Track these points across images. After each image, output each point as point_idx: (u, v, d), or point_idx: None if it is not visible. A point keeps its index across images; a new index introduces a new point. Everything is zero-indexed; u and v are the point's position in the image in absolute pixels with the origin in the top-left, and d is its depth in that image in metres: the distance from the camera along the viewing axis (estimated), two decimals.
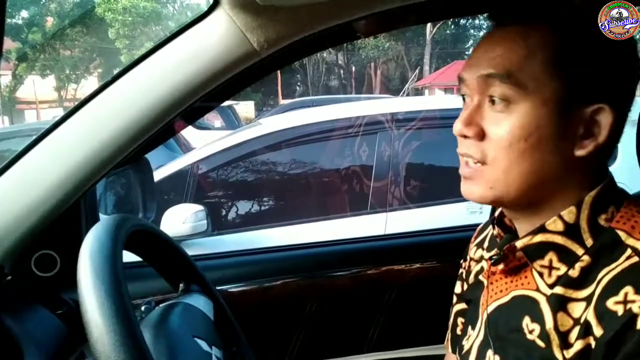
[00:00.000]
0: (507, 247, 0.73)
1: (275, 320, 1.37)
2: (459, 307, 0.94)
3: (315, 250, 1.49)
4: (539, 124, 0.67)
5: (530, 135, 0.67)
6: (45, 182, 0.97)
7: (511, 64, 0.67)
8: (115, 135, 0.97)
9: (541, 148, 0.67)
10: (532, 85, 0.66)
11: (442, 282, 1.39)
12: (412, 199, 2.99)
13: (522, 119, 0.67)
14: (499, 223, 0.82)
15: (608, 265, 0.65)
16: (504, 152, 0.68)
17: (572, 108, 0.67)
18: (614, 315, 0.61)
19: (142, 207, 1.37)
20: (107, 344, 0.59)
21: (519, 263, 0.73)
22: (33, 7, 27.59)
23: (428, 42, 25.32)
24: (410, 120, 3.09)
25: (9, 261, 0.98)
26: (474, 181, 0.72)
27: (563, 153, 0.68)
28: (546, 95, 0.66)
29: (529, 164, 0.68)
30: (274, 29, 0.92)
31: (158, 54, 0.97)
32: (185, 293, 0.95)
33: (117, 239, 0.71)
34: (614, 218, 0.69)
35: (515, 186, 0.69)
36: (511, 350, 0.72)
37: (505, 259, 0.74)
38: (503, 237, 0.80)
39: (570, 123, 0.67)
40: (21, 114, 25.56)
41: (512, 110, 0.68)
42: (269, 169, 3.26)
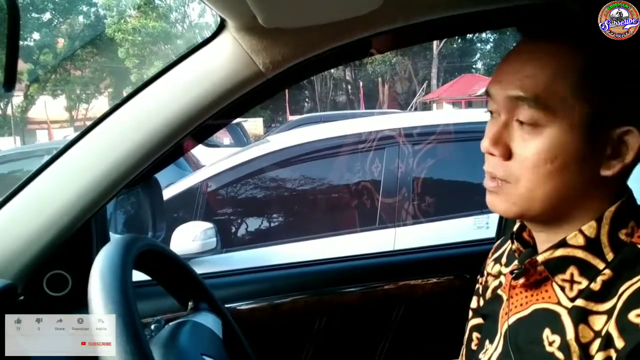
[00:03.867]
0: (528, 261, 0.74)
1: (285, 337, 1.37)
2: (474, 322, 0.94)
3: (324, 267, 1.50)
4: (566, 147, 0.67)
5: (556, 158, 0.68)
6: (56, 203, 0.99)
7: (540, 86, 0.68)
8: (125, 156, 0.99)
9: (567, 170, 0.68)
10: (560, 109, 0.67)
11: (451, 297, 1.39)
12: (420, 214, 2.98)
13: (550, 142, 0.68)
14: (517, 238, 0.82)
15: (630, 279, 0.65)
16: (529, 173, 0.69)
17: (600, 131, 0.68)
18: (635, 328, 0.61)
19: (151, 226, 1.39)
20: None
21: (539, 277, 0.74)
22: (44, 29, 27.99)
23: (435, 56, 25.36)
24: (418, 135, 3.09)
25: (21, 281, 0.99)
26: (499, 196, 0.73)
27: (589, 173, 0.69)
28: (574, 119, 0.67)
29: (554, 184, 0.69)
30: (279, 51, 0.94)
31: (166, 76, 1.00)
32: (194, 311, 0.96)
33: (127, 258, 0.72)
34: (634, 233, 0.70)
35: (539, 204, 0.70)
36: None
37: (526, 273, 0.74)
38: (522, 252, 0.81)
39: (598, 145, 0.68)
40: (33, 134, 25.78)
41: (539, 133, 0.68)
42: (278, 185, 3.27)
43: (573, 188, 0.70)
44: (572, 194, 0.70)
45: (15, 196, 1.00)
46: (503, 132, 0.72)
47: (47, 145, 8.54)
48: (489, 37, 25.88)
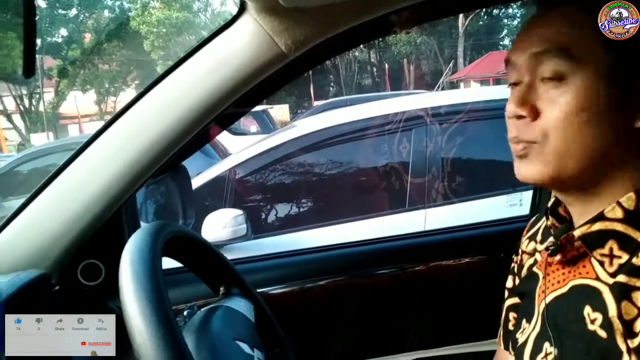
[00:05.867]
0: (564, 237, 0.71)
1: (316, 321, 1.37)
2: (511, 301, 0.92)
3: (354, 250, 1.49)
4: (595, 98, 0.65)
5: (585, 109, 0.66)
6: (86, 193, 1.00)
7: (565, 38, 0.66)
8: (151, 144, 0.99)
9: (598, 122, 0.66)
10: (587, 58, 0.65)
11: (485, 277, 1.37)
12: (450, 194, 2.95)
13: (578, 94, 0.66)
14: (552, 213, 0.80)
15: None
16: (560, 129, 0.67)
17: (628, 79, 0.66)
18: None
19: (181, 214, 1.40)
20: (150, 348, 0.60)
21: (577, 253, 0.72)
22: (71, 25, 28.47)
23: (461, 35, 24.95)
24: (446, 115, 3.04)
25: (55, 271, 1.01)
26: (529, 159, 0.70)
27: (621, 126, 0.67)
28: (601, 68, 0.65)
29: (585, 138, 0.66)
30: (301, 31, 0.92)
31: (189, 62, 0.99)
32: (226, 296, 0.96)
33: (156, 245, 0.72)
34: None
35: (574, 162, 0.68)
36: (569, 343, 0.70)
37: (562, 249, 0.72)
38: (558, 228, 0.78)
39: (628, 94, 0.66)
40: (65, 128, 26.39)
41: (566, 86, 0.66)
42: (306, 170, 3.27)
43: (607, 142, 0.67)
44: (607, 150, 0.67)
45: (46, 188, 1.01)
46: (528, 93, 0.70)
47: (77, 138, 8.71)
48: (516, 13, 25.28)
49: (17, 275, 0.91)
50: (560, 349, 0.71)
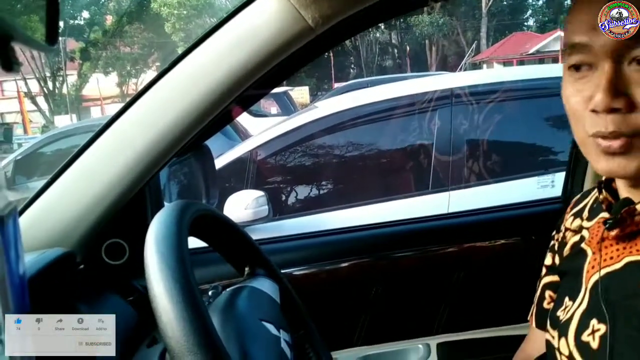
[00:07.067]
0: (625, 210, 0.69)
1: (340, 303, 1.36)
2: (548, 279, 0.90)
3: (378, 231, 1.46)
4: None
5: None
6: (109, 172, 0.99)
7: None
8: (174, 123, 0.97)
9: None
10: None
11: (516, 259, 1.34)
12: (476, 177, 2.90)
13: None
14: (606, 188, 0.76)
15: None
16: None
17: None
18: None
19: (204, 194, 1.39)
20: (177, 328, 0.58)
21: (635, 228, 0.69)
22: (93, 7, 28.61)
23: (484, 15, 24.54)
24: (470, 95, 2.98)
25: (80, 250, 1.01)
26: (631, 155, 0.65)
27: None
28: None
29: None
30: (328, 4, 0.89)
31: (213, 38, 0.97)
32: (251, 277, 0.95)
33: (182, 223, 0.71)
34: None
35: None
36: (622, 318, 0.67)
37: (622, 223, 0.69)
38: (612, 203, 0.75)
39: None
40: (87, 110, 26.69)
41: None
42: (327, 152, 3.24)
43: None
44: None
45: (69, 167, 1.01)
46: (618, 82, 0.64)
47: (100, 120, 8.80)
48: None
49: (43, 253, 0.91)
50: (613, 325, 0.68)
